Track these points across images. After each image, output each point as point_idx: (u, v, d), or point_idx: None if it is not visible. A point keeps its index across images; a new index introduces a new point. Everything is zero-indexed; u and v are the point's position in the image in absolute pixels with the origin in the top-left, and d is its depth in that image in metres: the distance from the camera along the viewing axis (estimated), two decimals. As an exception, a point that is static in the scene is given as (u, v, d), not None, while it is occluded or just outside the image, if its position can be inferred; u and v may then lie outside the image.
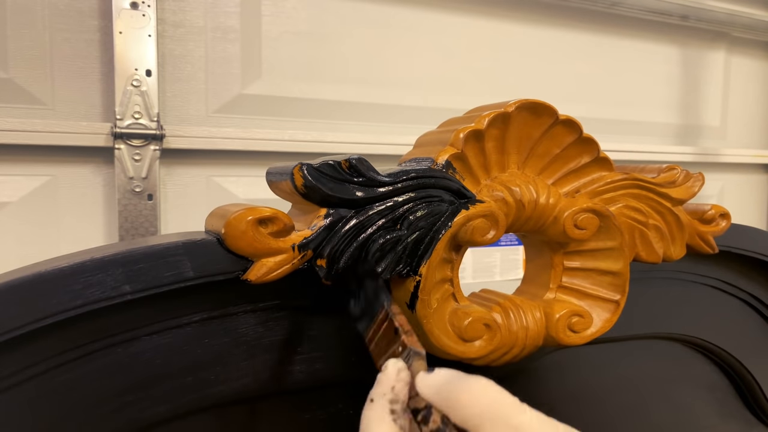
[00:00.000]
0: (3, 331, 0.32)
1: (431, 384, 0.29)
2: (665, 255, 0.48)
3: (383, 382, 0.30)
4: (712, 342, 0.62)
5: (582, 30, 1.46)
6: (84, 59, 1.03)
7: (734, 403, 0.67)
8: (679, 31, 1.58)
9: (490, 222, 0.40)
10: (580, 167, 0.45)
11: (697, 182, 0.49)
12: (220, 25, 1.11)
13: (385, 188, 0.38)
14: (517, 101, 0.41)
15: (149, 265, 0.35)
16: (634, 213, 0.46)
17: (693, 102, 1.63)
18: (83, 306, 0.33)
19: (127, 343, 0.37)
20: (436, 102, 1.29)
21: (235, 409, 0.42)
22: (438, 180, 0.39)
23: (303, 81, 1.18)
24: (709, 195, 1.64)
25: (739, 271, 0.62)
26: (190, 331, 0.39)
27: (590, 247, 0.45)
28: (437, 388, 0.28)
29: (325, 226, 0.37)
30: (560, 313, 0.43)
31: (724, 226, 0.51)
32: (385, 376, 0.30)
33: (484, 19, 1.35)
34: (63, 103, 1.02)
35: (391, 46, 1.26)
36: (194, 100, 1.11)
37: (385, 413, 0.29)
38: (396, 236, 0.38)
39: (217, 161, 1.13)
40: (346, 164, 0.37)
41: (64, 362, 0.36)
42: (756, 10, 1.62)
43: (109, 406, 0.37)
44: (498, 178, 0.43)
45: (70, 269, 0.33)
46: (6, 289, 0.32)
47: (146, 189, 1.02)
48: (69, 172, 1.04)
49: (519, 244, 1.36)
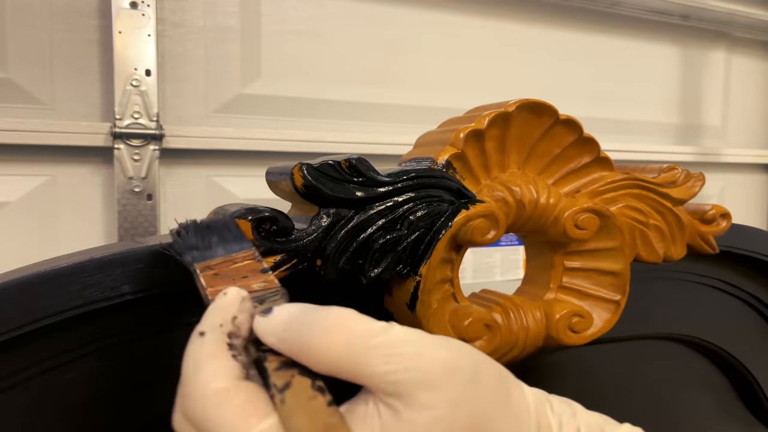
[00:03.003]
0: (3, 331, 0.32)
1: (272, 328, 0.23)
2: (666, 255, 0.48)
3: (220, 311, 0.24)
4: (712, 342, 0.62)
5: (582, 30, 1.46)
6: (83, 59, 1.03)
7: (734, 403, 0.67)
8: (679, 31, 1.58)
9: (491, 222, 0.40)
10: (581, 167, 0.45)
11: (698, 182, 0.48)
12: (219, 24, 1.11)
13: (385, 188, 0.38)
14: (517, 101, 0.41)
15: (149, 265, 0.35)
16: (634, 213, 0.46)
17: (693, 102, 1.63)
18: (83, 306, 0.33)
19: (127, 343, 0.37)
20: (436, 102, 1.29)
21: (235, 410, 0.42)
22: (438, 180, 0.39)
23: (303, 81, 1.18)
24: (709, 195, 1.64)
25: (739, 271, 0.62)
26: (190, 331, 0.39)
27: (591, 247, 0.45)
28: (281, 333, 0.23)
29: (325, 226, 0.37)
30: (561, 314, 0.43)
31: (725, 226, 0.50)
32: (224, 304, 0.25)
33: (484, 19, 1.35)
34: (62, 102, 1.02)
35: (391, 46, 1.26)
36: (194, 100, 1.11)
37: (221, 347, 0.23)
38: (396, 236, 0.37)
39: (216, 161, 1.13)
40: (346, 164, 0.37)
41: (63, 362, 0.36)
42: (756, 10, 1.62)
43: (108, 406, 0.37)
44: (498, 178, 0.43)
45: (69, 269, 0.33)
46: (6, 289, 0.32)
47: (146, 189, 1.02)
48: (68, 171, 1.04)
49: (519, 244, 1.36)
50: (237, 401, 0.21)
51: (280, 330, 0.23)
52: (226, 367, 0.22)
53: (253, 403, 0.22)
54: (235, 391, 0.22)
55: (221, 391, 0.22)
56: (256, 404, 0.22)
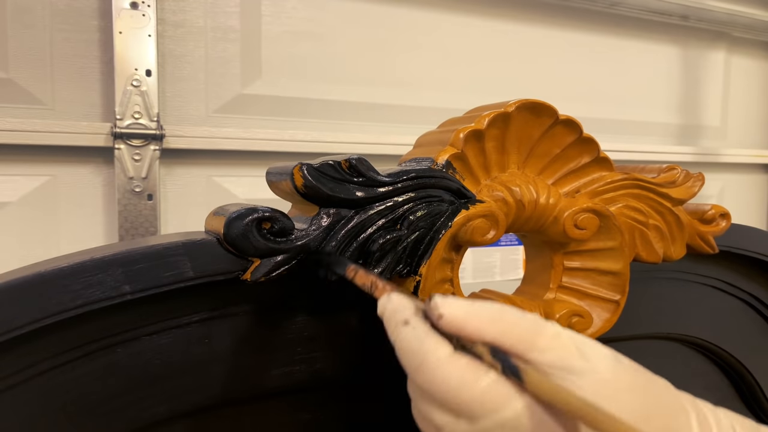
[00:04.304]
0: (3, 331, 0.32)
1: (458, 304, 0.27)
2: (665, 255, 0.48)
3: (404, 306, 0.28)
4: (712, 342, 0.62)
5: (582, 30, 1.46)
6: (84, 59, 1.03)
7: (734, 403, 0.67)
8: (679, 31, 1.58)
9: (490, 222, 0.40)
10: (580, 167, 0.45)
11: (697, 182, 0.49)
12: (220, 25, 1.11)
13: (385, 188, 0.38)
14: (517, 101, 0.41)
15: (149, 265, 0.35)
16: (634, 213, 0.46)
17: (693, 102, 1.63)
18: (83, 306, 0.33)
19: (127, 343, 0.37)
20: (436, 102, 1.29)
21: (236, 409, 0.42)
22: (438, 180, 0.39)
23: (303, 81, 1.18)
24: (709, 195, 1.64)
25: (739, 271, 0.62)
26: (190, 331, 0.39)
27: (590, 247, 0.45)
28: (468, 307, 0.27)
29: (325, 226, 0.37)
30: (560, 313, 0.43)
31: (725, 226, 0.51)
32: (401, 302, 0.28)
33: (484, 19, 1.35)
34: (63, 103, 1.02)
35: (391, 46, 1.26)
36: (194, 100, 1.11)
37: (429, 328, 0.27)
38: (396, 236, 0.38)
39: (217, 161, 1.13)
40: (346, 164, 0.37)
41: (64, 362, 0.36)
42: (756, 10, 1.62)
43: (109, 405, 0.37)
44: (498, 178, 0.43)
45: (70, 269, 0.33)
46: (6, 289, 0.32)
47: (146, 189, 1.02)
48: (69, 172, 1.04)
49: (519, 244, 1.36)
50: (462, 362, 0.26)
51: (467, 306, 0.27)
52: (441, 341, 0.26)
53: (475, 364, 0.26)
54: (457, 356, 0.26)
55: (448, 357, 0.26)
56: (478, 365, 0.26)
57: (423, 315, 0.27)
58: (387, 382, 0.45)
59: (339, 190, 0.37)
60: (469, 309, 0.26)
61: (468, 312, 0.26)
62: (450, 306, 0.26)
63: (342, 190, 0.37)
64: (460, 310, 0.26)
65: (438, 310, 0.26)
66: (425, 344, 0.26)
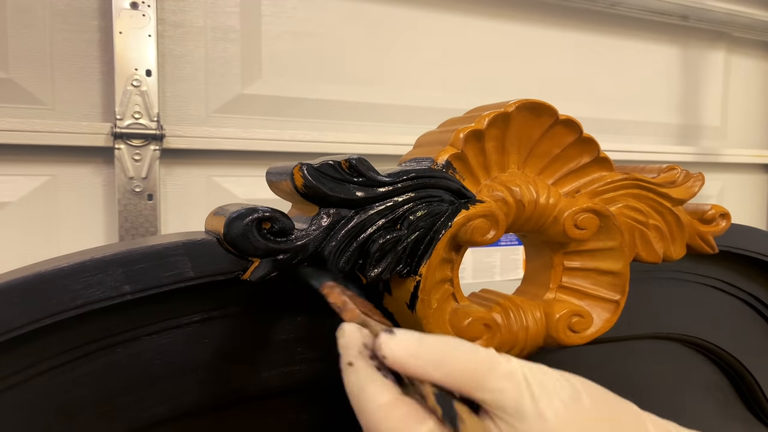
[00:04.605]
0: (3, 331, 0.32)
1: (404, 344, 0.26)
2: (665, 255, 0.48)
3: (351, 343, 0.27)
4: (712, 342, 0.62)
5: (582, 30, 1.46)
6: (84, 59, 1.03)
7: (734, 403, 0.67)
8: (679, 31, 1.58)
9: (490, 222, 0.40)
10: (580, 167, 0.45)
11: (697, 182, 0.49)
12: (220, 25, 1.11)
13: (385, 188, 0.38)
14: (517, 101, 0.41)
15: (149, 265, 0.35)
16: (634, 213, 0.46)
17: (693, 102, 1.63)
18: (83, 306, 0.33)
19: (127, 343, 0.37)
20: (436, 102, 1.29)
21: (236, 410, 0.42)
22: (438, 180, 0.39)
23: (303, 81, 1.18)
24: (709, 195, 1.64)
25: (739, 271, 0.62)
26: (190, 331, 0.39)
27: (590, 247, 0.45)
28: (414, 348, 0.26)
29: (325, 226, 0.37)
30: (560, 313, 0.43)
31: (724, 226, 0.51)
32: (350, 337, 0.28)
33: (484, 19, 1.35)
34: (63, 103, 1.02)
35: (391, 46, 1.26)
36: (194, 100, 1.11)
37: (372, 371, 0.26)
38: (396, 236, 0.38)
39: (217, 161, 1.13)
40: (346, 164, 0.37)
41: (64, 362, 0.36)
42: (756, 10, 1.62)
43: (109, 405, 0.37)
44: (498, 178, 0.43)
45: (70, 269, 0.33)
46: (6, 289, 0.32)
47: (146, 189, 1.02)
48: (69, 172, 1.04)
49: (519, 244, 1.36)
50: (403, 410, 0.25)
51: (413, 346, 0.26)
52: (384, 385, 0.26)
53: (415, 410, 0.25)
54: (397, 403, 0.26)
55: (387, 404, 0.25)
56: (417, 411, 0.25)
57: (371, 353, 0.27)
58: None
59: (339, 190, 0.37)
60: (414, 349, 0.26)
61: (411, 353, 0.25)
62: (394, 346, 0.26)
63: (342, 190, 0.37)
64: (403, 352, 0.25)
65: (380, 351, 0.26)
66: (366, 390, 0.26)
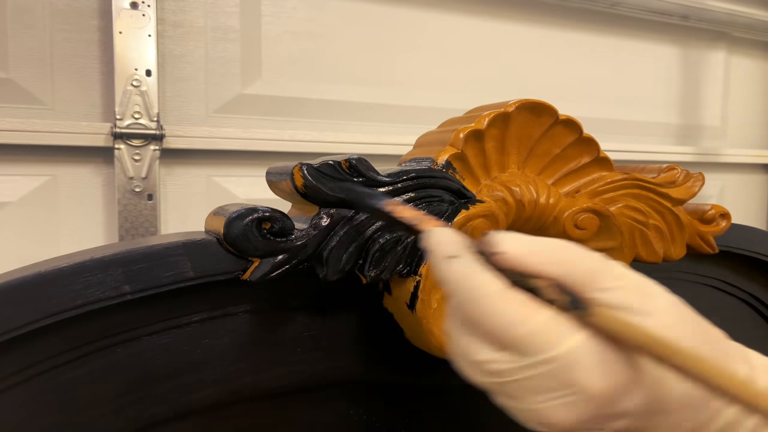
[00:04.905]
0: (3, 331, 0.32)
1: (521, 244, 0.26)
2: (665, 255, 0.48)
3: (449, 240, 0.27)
4: (712, 342, 0.62)
5: (582, 30, 1.46)
6: (84, 59, 1.03)
7: (734, 403, 0.67)
8: (679, 31, 1.58)
9: (490, 222, 0.40)
10: (580, 167, 0.45)
11: (697, 182, 0.49)
12: (220, 25, 1.11)
13: (385, 188, 0.38)
14: (517, 101, 0.41)
15: (149, 265, 0.35)
16: (634, 213, 0.46)
17: (693, 102, 1.63)
18: (83, 306, 0.33)
19: (127, 343, 0.37)
20: (436, 102, 1.29)
21: (236, 410, 0.42)
22: (438, 180, 0.39)
23: (303, 81, 1.18)
24: (709, 195, 1.64)
25: (739, 271, 0.62)
26: (190, 331, 0.39)
27: (590, 247, 0.45)
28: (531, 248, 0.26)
29: (325, 226, 0.37)
30: (560, 313, 0.43)
31: (724, 226, 0.51)
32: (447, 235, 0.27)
33: (484, 19, 1.35)
34: (63, 103, 1.02)
35: (391, 46, 1.26)
36: (194, 100, 1.11)
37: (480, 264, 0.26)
38: (396, 236, 0.38)
39: (217, 161, 1.13)
40: (346, 164, 0.37)
41: (64, 362, 0.36)
42: (756, 10, 1.62)
43: (109, 405, 0.37)
44: (498, 178, 0.43)
45: (70, 269, 0.33)
46: (6, 289, 0.32)
47: (146, 189, 1.02)
48: (69, 172, 1.04)
49: (519, 244, 1.35)
50: (519, 296, 0.25)
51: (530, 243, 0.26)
52: (494, 276, 0.26)
53: (530, 299, 0.25)
54: (513, 291, 0.25)
55: (503, 290, 0.25)
56: (532, 300, 0.25)
57: (475, 250, 0.27)
58: (387, 381, 0.45)
59: (339, 190, 0.37)
60: (532, 246, 0.26)
61: (531, 249, 0.26)
62: (512, 242, 0.26)
63: (342, 190, 0.37)
64: (522, 247, 0.26)
65: (499, 246, 0.26)
66: (479, 277, 0.25)
